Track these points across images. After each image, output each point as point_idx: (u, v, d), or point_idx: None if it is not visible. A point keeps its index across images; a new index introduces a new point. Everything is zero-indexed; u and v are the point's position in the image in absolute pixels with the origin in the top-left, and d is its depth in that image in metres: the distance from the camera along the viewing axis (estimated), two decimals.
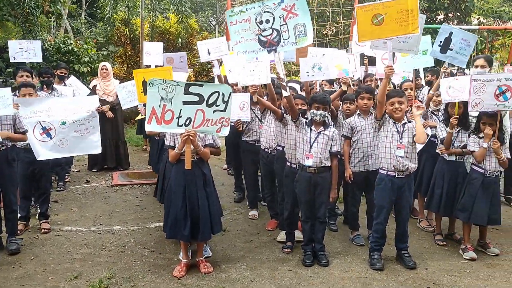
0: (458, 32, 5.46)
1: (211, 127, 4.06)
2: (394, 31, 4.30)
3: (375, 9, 4.34)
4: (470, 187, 4.74)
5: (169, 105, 3.93)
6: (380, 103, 4.37)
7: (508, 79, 4.50)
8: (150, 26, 12.68)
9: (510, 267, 4.48)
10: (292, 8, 4.29)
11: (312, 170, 4.46)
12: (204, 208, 4.20)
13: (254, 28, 4.40)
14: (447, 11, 14.85)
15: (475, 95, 4.48)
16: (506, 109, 4.60)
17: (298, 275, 4.26)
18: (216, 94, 3.99)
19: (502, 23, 15.38)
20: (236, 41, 4.50)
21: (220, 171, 8.17)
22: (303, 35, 4.35)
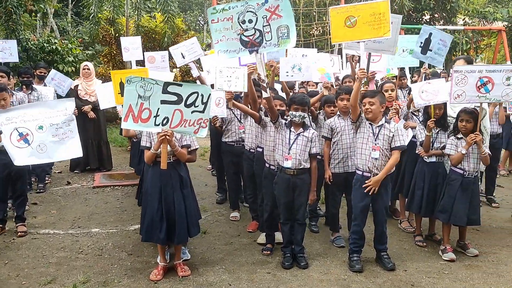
0: (437, 33, 5.48)
1: (188, 128, 4.00)
2: (366, 33, 4.32)
3: (348, 11, 4.35)
4: (449, 188, 4.75)
5: (146, 103, 3.86)
6: (352, 106, 4.37)
7: (489, 70, 4.53)
8: (135, 25, 12.56)
9: (489, 268, 4.49)
10: (276, 10, 4.26)
11: (291, 172, 4.43)
12: (181, 211, 4.14)
13: (236, 28, 4.35)
14: (433, 12, 14.93)
15: (457, 86, 4.50)
16: (487, 101, 4.62)
17: (277, 278, 4.23)
18: (195, 95, 3.93)
19: (487, 24, 15.50)
20: (217, 40, 4.46)
21: (204, 172, 8.12)
22: (286, 37, 4.33)
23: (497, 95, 4.55)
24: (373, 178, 4.31)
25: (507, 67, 4.59)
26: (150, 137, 4.12)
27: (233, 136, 5.71)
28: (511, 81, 4.52)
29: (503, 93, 4.53)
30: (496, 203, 6.53)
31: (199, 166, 8.52)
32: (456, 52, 13.86)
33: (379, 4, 4.28)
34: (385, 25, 4.25)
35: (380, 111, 4.34)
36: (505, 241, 5.21)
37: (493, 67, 4.64)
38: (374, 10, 4.28)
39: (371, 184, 4.31)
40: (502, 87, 4.51)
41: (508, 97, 4.58)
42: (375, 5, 4.29)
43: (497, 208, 6.42)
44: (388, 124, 4.40)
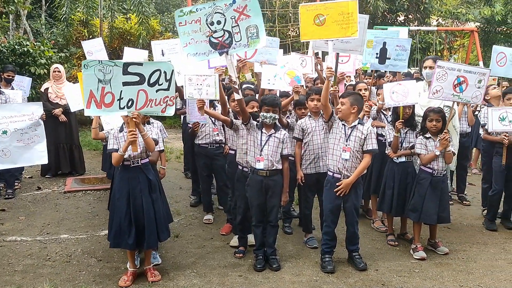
0: (391, 41, 5.55)
1: (155, 107, 3.92)
2: (334, 32, 4.33)
3: (318, 9, 4.35)
4: (419, 187, 4.79)
5: (108, 87, 3.77)
6: (323, 105, 4.37)
7: (467, 71, 4.60)
8: (109, 27, 12.39)
9: (458, 265, 4.54)
10: (244, 10, 4.21)
11: (263, 173, 4.41)
12: (150, 215, 4.07)
13: (204, 30, 4.28)
14: (407, 13, 15.13)
15: (437, 82, 4.58)
16: (459, 100, 4.69)
17: (248, 280, 4.20)
18: (158, 73, 3.85)
19: (460, 25, 15.78)
20: (185, 43, 4.38)
21: (179, 175, 8.04)
22: (255, 37, 4.28)
23: (468, 96, 4.63)
24: (343, 181, 4.31)
25: (481, 70, 4.68)
26: (117, 139, 4.03)
27: (207, 138, 5.64)
28: (481, 84, 4.61)
29: (473, 94, 4.62)
30: (467, 201, 6.62)
31: (174, 169, 8.44)
32: (430, 53, 14.07)
33: (348, 4, 4.29)
34: (353, 25, 4.27)
35: (351, 112, 4.33)
36: (475, 238, 5.28)
37: (469, 68, 4.71)
38: (342, 10, 4.29)
39: (342, 187, 4.31)
40: (474, 89, 4.60)
41: (477, 100, 4.67)
42: (344, 5, 4.30)
43: (468, 206, 6.52)
44: (362, 125, 4.40)
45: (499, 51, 6.17)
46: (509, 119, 5.25)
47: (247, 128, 4.47)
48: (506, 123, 5.28)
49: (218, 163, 5.58)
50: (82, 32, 12.96)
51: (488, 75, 4.63)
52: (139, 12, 12.30)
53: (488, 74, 4.63)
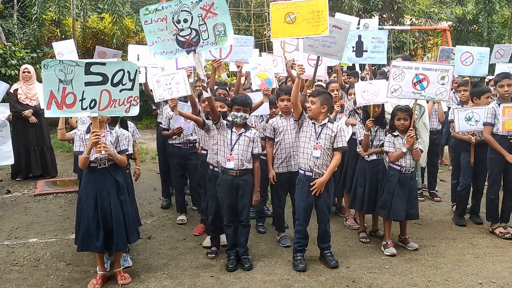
0: (366, 33, 5.59)
1: (119, 108, 3.87)
2: (304, 30, 4.35)
3: (288, 7, 4.36)
4: (388, 184, 4.86)
5: (69, 87, 3.69)
6: (293, 104, 4.38)
7: (425, 68, 4.66)
8: (82, 27, 12.20)
9: (427, 261, 4.62)
10: (211, 8, 4.18)
11: (234, 173, 4.40)
12: (118, 217, 4.01)
13: (171, 28, 4.23)
14: (382, 12, 15.31)
15: (394, 81, 4.62)
16: (422, 97, 4.75)
17: (220, 281, 4.18)
18: (121, 72, 3.81)
19: (433, 24, 16.05)
20: (152, 42, 4.30)
21: (154, 176, 7.96)
22: (223, 35, 4.25)
23: (431, 93, 4.69)
24: (317, 180, 4.34)
25: (442, 66, 4.74)
26: (84, 141, 3.97)
27: (181, 138, 5.60)
28: (445, 81, 4.68)
29: (437, 91, 4.68)
30: (438, 197, 6.74)
31: (149, 170, 8.37)
32: (404, 51, 14.27)
33: (318, 2, 4.31)
34: (323, 23, 4.29)
35: (321, 111, 4.36)
36: (444, 233, 5.38)
37: (429, 65, 4.79)
38: (313, 8, 4.31)
39: (316, 186, 4.34)
40: (437, 86, 4.66)
41: (442, 96, 4.73)
42: (314, 3, 4.32)
43: (439, 202, 6.63)
44: (331, 124, 4.43)
45: (463, 51, 6.30)
46: (475, 119, 5.37)
47: (217, 128, 4.46)
48: (473, 122, 5.39)
49: (192, 163, 5.55)
50: (55, 32, 12.74)
51: (451, 71, 4.69)
52: (112, 12, 12.14)
53: (451, 70, 4.69)
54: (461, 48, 6.42)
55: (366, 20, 8.28)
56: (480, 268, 4.43)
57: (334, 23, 4.82)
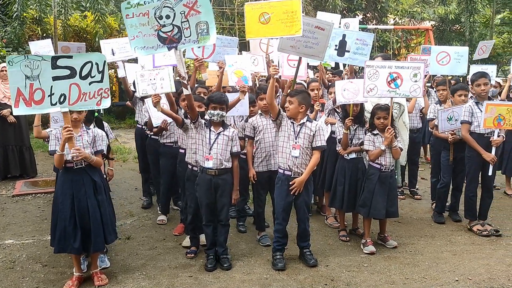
0: (351, 34, 5.55)
1: (90, 101, 3.81)
2: (279, 31, 4.34)
3: (263, 8, 4.35)
4: (368, 182, 4.88)
5: (36, 83, 3.62)
6: (269, 104, 4.38)
7: (398, 66, 4.70)
8: (63, 25, 12.03)
9: (406, 258, 4.65)
10: (194, 5, 4.14)
11: (213, 172, 4.37)
12: (96, 218, 3.96)
13: (153, 23, 4.17)
14: (365, 12, 15.40)
15: (369, 80, 4.66)
16: (397, 96, 4.78)
17: (198, 281, 4.16)
18: (90, 65, 3.74)
19: (416, 23, 16.19)
20: (133, 36, 4.23)
21: (135, 175, 7.88)
22: (205, 34, 4.21)
23: (405, 90, 4.73)
24: (297, 179, 4.33)
25: (414, 64, 4.79)
26: (59, 140, 3.89)
27: (172, 137, 5.49)
28: (417, 78, 4.72)
29: (411, 88, 4.72)
30: (418, 195, 6.80)
31: (131, 170, 8.31)
32: (388, 51, 14.37)
33: (292, 2, 4.31)
34: (297, 23, 4.29)
35: (300, 111, 4.36)
36: (424, 231, 5.42)
37: (401, 63, 4.85)
38: (287, 8, 4.31)
39: (295, 185, 4.34)
40: (410, 83, 4.70)
41: (416, 93, 4.76)
42: (288, 3, 4.32)
43: (419, 200, 6.69)
44: (310, 123, 4.43)
45: (439, 51, 6.34)
46: (455, 118, 5.43)
47: (195, 127, 4.43)
48: (453, 122, 5.45)
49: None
50: (36, 31, 12.55)
51: (422, 68, 4.73)
52: (95, 10, 12.00)
53: (423, 67, 4.74)
54: (437, 48, 6.48)
55: (347, 19, 8.28)
56: (457, 265, 4.47)
57: (316, 24, 4.81)
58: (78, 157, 3.78)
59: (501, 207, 6.32)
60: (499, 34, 16.70)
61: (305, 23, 4.39)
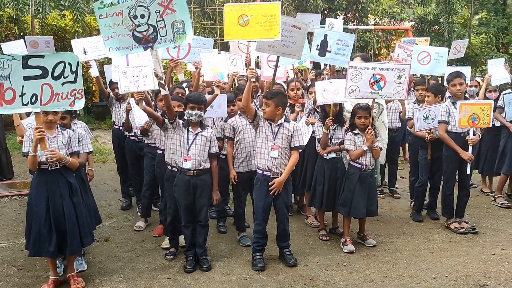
0: (333, 34, 5.57)
1: (63, 102, 3.75)
2: (257, 34, 4.34)
3: (242, 9, 4.34)
4: (348, 182, 4.90)
5: (7, 83, 3.55)
6: (245, 106, 4.39)
7: (382, 68, 4.72)
8: (41, 24, 11.83)
9: (384, 257, 4.69)
10: (169, 4, 4.09)
11: (191, 173, 4.35)
12: (72, 220, 3.89)
13: (127, 23, 4.10)
14: (346, 12, 15.50)
15: (351, 81, 4.66)
16: (379, 97, 4.80)
17: (177, 282, 4.12)
18: (62, 65, 3.69)
19: (396, 24, 16.36)
20: (107, 37, 4.16)
21: (115, 177, 7.75)
22: (181, 33, 4.17)
23: (388, 92, 4.75)
24: (276, 180, 4.33)
25: (399, 66, 4.82)
26: (33, 141, 3.81)
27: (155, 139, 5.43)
28: (401, 80, 4.74)
29: (394, 90, 4.74)
30: (397, 194, 6.86)
31: (111, 171, 8.20)
32: (368, 51, 14.49)
33: (271, 6, 4.31)
34: (275, 27, 4.29)
35: (277, 113, 4.35)
36: (402, 229, 5.48)
37: (386, 65, 4.86)
38: (266, 11, 4.30)
39: (275, 186, 4.33)
40: (394, 85, 4.73)
41: (399, 95, 4.80)
42: (267, 7, 4.32)
43: (399, 198, 6.75)
44: (288, 123, 4.43)
45: (421, 50, 6.42)
46: (431, 117, 5.50)
47: (173, 127, 4.39)
48: (430, 121, 5.52)
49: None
50: (12, 30, 12.32)
51: (408, 70, 4.76)
52: (73, 9, 11.83)
53: (408, 70, 4.76)
54: (418, 48, 6.54)
55: (332, 19, 8.33)
56: (435, 262, 4.53)
57: (293, 23, 4.82)
58: (52, 158, 3.71)
59: (477, 205, 6.42)
60: (476, 35, 16.98)
61: (282, 22, 4.39)
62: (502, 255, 4.69)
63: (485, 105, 5.23)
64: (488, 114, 5.19)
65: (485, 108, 5.17)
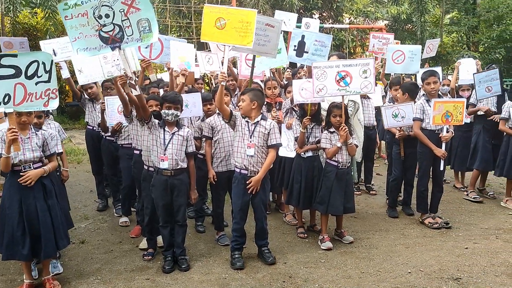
0: (310, 35, 5.60)
1: (36, 102, 3.70)
2: (232, 38, 4.34)
3: (220, 12, 4.34)
4: (325, 180, 4.95)
5: None
6: (218, 108, 4.43)
7: (345, 65, 4.79)
8: (11, 22, 11.56)
9: (361, 253, 4.76)
10: (133, 3, 4.04)
11: (168, 173, 4.32)
12: (46, 223, 3.82)
13: (93, 24, 4.04)
14: (321, 11, 15.63)
15: (318, 81, 4.73)
16: (348, 93, 4.86)
17: (156, 283, 4.09)
18: (36, 64, 3.65)
19: (371, 23, 16.59)
20: (74, 38, 4.09)
21: (90, 178, 7.61)
22: (148, 31, 4.13)
23: (356, 87, 4.81)
24: (253, 178, 4.34)
25: (362, 61, 4.87)
26: (5, 142, 3.72)
27: (130, 139, 5.36)
28: (367, 74, 4.80)
29: (361, 85, 4.80)
30: (374, 190, 6.98)
31: (86, 171, 8.08)
32: (344, 49, 14.65)
33: (248, 13, 4.33)
34: (249, 35, 4.30)
35: (252, 108, 4.37)
36: (378, 226, 5.57)
37: (349, 61, 4.92)
38: (242, 18, 4.31)
39: (252, 184, 4.34)
40: (360, 80, 4.78)
41: (367, 89, 4.84)
42: (244, 13, 4.34)
43: (375, 195, 6.86)
44: (265, 121, 4.45)
45: (395, 49, 6.51)
46: (401, 115, 5.61)
47: (148, 127, 4.36)
48: (399, 119, 5.64)
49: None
50: None
51: (372, 64, 4.82)
52: (45, 7, 11.58)
53: (372, 63, 4.81)
54: (392, 47, 6.64)
55: (308, 19, 8.38)
56: (410, 257, 4.62)
57: (267, 22, 4.85)
58: (31, 183, 3.72)
59: (450, 200, 6.57)
60: (448, 34, 17.37)
61: (256, 21, 4.41)
62: (475, 249, 4.82)
63: (458, 103, 5.36)
64: (461, 111, 5.31)
65: (458, 106, 5.29)
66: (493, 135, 6.57)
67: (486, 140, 6.56)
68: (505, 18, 15.41)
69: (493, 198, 6.66)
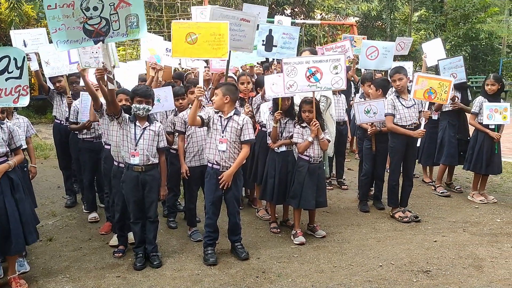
0: (277, 28, 5.57)
1: (6, 98, 3.61)
2: (205, 52, 4.28)
3: (190, 27, 4.26)
4: (298, 174, 4.96)
5: None
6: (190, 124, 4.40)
7: (316, 61, 4.79)
8: None
9: (334, 247, 4.80)
10: None
11: (139, 169, 4.24)
12: (15, 217, 3.70)
13: (78, 15, 3.88)
14: (293, 6, 15.67)
15: (288, 77, 4.72)
16: (318, 89, 4.86)
17: (127, 280, 4.02)
18: (7, 59, 3.56)
19: (342, 19, 16.74)
20: (55, 29, 3.90)
21: (58, 173, 7.40)
22: (135, 27, 4.03)
23: (327, 83, 4.81)
24: (225, 173, 4.31)
25: (333, 56, 4.88)
26: None
27: (92, 133, 5.28)
28: (338, 70, 4.81)
29: (332, 81, 4.81)
30: (345, 185, 7.05)
31: (54, 167, 7.84)
32: (315, 45, 14.72)
33: (219, 25, 4.27)
34: (224, 46, 4.25)
35: (225, 103, 4.33)
36: (350, 220, 5.63)
37: (319, 57, 4.94)
38: (214, 30, 4.25)
39: (224, 179, 4.31)
40: (331, 76, 4.79)
41: (338, 85, 4.86)
42: (215, 25, 4.28)
43: (346, 190, 6.94)
44: (238, 116, 4.41)
45: (369, 45, 6.58)
46: (373, 111, 5.69)
47: (118, 122, 4.26)
48: (371, 114, 5.72)
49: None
50: None
51: (343, 59, 4.83)
52: None
53: (343, 59, 4.83)
54: (367, 43, 6.69)
55: (280, 17, 8.36)
56: (381, 251, 4.69)
57: (242, 17, 4.81)
58: None
59: (419, 195, 6.72)
60: (416, 31, 17.76)
61: (230, 16, 4.37)
62: (443, 242, 4.93)
63: (444, 81, 5.34)
64: (446, 91, 5.31)
65: (444, 85, 5.29)
66: (458, 130, 6.72)
67: (451, 136, 6.69)
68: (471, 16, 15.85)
69: (460, 192, 6.83)
